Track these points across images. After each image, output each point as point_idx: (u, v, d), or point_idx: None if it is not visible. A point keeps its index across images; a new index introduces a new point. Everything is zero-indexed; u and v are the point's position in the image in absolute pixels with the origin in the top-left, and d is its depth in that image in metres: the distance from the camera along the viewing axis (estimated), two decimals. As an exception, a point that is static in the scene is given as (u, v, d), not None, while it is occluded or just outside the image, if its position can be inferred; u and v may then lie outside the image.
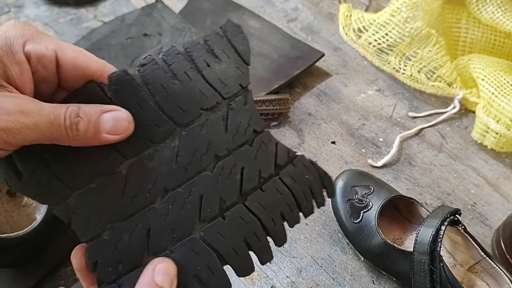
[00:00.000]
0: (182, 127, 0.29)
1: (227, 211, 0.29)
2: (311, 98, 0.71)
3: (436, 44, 0.72)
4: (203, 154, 0.29)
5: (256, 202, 0.30)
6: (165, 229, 0.28)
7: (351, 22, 0.82)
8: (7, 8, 0.80)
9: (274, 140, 0.31)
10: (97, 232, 0.27)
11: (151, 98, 0.29)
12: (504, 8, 0.71)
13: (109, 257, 0.27)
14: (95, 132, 0.25)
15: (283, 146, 0.32)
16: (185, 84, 0.30)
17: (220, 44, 0.31)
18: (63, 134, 0.24)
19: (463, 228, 0.48)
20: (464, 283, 0.47)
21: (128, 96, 0.28)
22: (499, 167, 0.65)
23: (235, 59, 0.31)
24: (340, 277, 0.50)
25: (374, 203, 0.50)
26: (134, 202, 0.28)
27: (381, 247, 0.48)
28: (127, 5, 0.84)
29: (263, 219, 0.29)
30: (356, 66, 0.78)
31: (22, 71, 0.25)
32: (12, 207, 0.48)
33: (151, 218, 0.28)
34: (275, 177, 0.31)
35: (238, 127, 0.30)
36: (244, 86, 0.31)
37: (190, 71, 0.30)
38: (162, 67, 0.29)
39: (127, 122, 0.27)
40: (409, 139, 0.67)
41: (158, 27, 0.74)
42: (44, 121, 0.23)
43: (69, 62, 0.26)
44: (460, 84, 0.73)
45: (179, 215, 0.28)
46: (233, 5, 0.84)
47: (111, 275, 0.27)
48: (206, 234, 0.28)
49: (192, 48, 0.30)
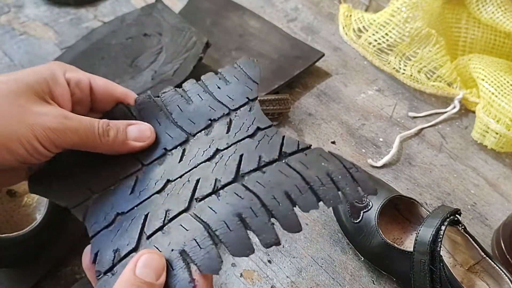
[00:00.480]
0: (192, 136, 0.33)
1: (222, 189, 0.28)
2: (311, 98, 0.71)
3: (436, 44, 0.72)
4: (205, 150, 0.31)
5: (255, 181, 0.28)
6: (161, 212, 0.28)
7: (351, 22, 0.82)
8: (7, 8, 0.80)
9: (281, 134, 0.31)
10: (104, 224, 0.29)
11: (168, 116, 0.34)
12: (504, 8, 0.71)
13: (108, 245, 0.28)
14: (123, 139, 0.31)
15: (292, 139, 0.31)
16: (197, 103, 0.34)
17: (232, 72, 0.35)
18: (97, 139, 0.30)
19: (463, 228, 0.48)
20: (464, 283, 0.47)
21: (150, 114, 0.34)
22: (499, 167, 0.65)
23: (244, 80, 0.35)
24: (340, 277, 0.50)
25: (374, 203, 0.50)
26: (141, 195, 0.30)
27: (381, 247, 0.48)
28: (127, 5, 0.84)
29: (261, 195, 0.27)
30: (356, 66, 0.78)
31: (63, 92, 0.30)
32: (12, 207, 0.48)
33: (150, 205, 0.29)
34: (279, 161, 0.29)
35: (240, 126, 0.32)
36: (251, 99, 0.34)
37: (202, 94, 0.35)
38: (180, 93, 0.35)
39: (149, 132, 0.32)
40: (409, 139, 0.67)
41: (158, 27, 0.74)
42: (83, 127, 0.29)
43: (100, 87, 0.33)
44: (460, 84, 0.73)
45: (175, 198, 0.29)
46: (233, 5, 0.84)
47: (108, 263, 0.27)
48: (198, 210, 0.28)
49: (207, 78, 0.36)
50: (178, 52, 0.69)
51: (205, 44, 0.67)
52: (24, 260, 0.46)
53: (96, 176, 0.31)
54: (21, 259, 0.46)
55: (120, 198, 0.30)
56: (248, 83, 0.35)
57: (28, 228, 0.43)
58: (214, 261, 0.25)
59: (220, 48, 0.75)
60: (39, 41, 0.75)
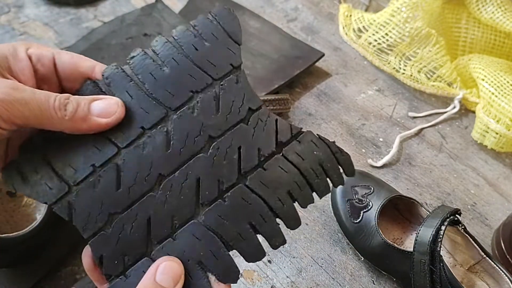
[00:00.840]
0: (173, 111, 0.29)
1: (226, 193, 0.28)
2: (311, 98, 0.71)
3: (436, 44, 0.72)
4: (196, 136, 0.29)
5: (258, 181, 0.28)
6: (166, 216, 0.28)
7: (351, 22, 0.82)
8: (7, 8, 0.80)
9: (274, 117, 0.30)
10: (98, 226, 0.27)
11: (141, 86, 0.29)
12: (504, 8, 0.71)
13: (113, 249, 0.27)
14: (84, 115, 0.27)
15: (284, 122, 0.30)
16: (173, 69, 0.30)
17: (209, 28, 0.31)
18: (52, 113, 0.26)
19: (463, 228, 0.48)
20: (464, 283, 0.47)
21: (119, 86, 0.29)
22: (499, 167, 0.65)
23: (224, 41, 0.31)
24: (340, 277, 0.50)
25: (374, 203, 0.50)
26: (131, 192, 0.28)
27: (381, 247, 0.48)
28: (127, 5, 0.84)
29: (267, 199, 0.28)
30: (356, 66, 0.78)
31: (24, 67, 0.28)
32: (12, 207, 0.48)
33: (150, 206, 0.28)
34: (277, 155, 0.29)
35: (230, 106, 0.29)
36: (235, 65, 0.31)
37: (177, 56, 0.30)
38: (151, 56, 0.30)
39: (116, 106, 0.28)
40: (409, 139, 0.67)
41: (158, 27, 0.74)
42: (36, 99, 0.26)
43: (65, 63, 0.29)
44: (460, 84, 0.73)
45: (178, 201, 0.28)
46: (233, 5, 0.84)
47: (118, 268, 0.27)
48: (207, 218, 0.27)
49: (180, 35, 0.31)
50: (178, 52, 0.69)
51: (205, 44, 0.67)
52: (24, 260, 0.46)
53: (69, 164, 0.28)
54: (21, 259, 0.46)
55: (107, 195, 0.28)
56: (229, 44, 0.31)
57: (28, 228, 0.43)
58: (232, 271, 0.26)
59: (220, 48, 0.75)
60: (39, 41, 0.75)
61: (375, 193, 0.52)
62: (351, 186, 0.53)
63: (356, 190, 0.52)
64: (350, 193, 0.52)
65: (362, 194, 0.52)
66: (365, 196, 0.51)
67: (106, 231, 0.27)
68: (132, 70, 0.30)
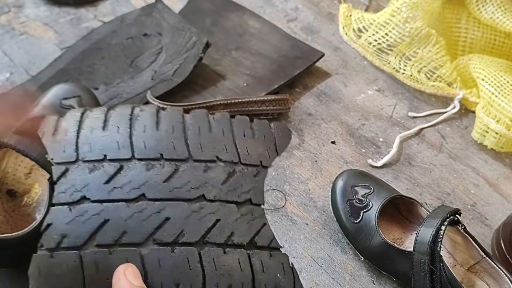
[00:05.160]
0: (193, 160, 0.32)
1: (180, 246, 0.28)
2: (311, 98, 0.71)
3: (436, 44, 0.72)
4: (193, 188, 0.31)
5: (212, 258, 0.28)
6: (118, 228, 0.28)
7: (351, 22, 0.82)
8: (7, 8, 0.80)
9: (264, 220, 0.31)
10: (67, 201, 0.30)
11: (186, 131, 0.33)
12: (504, 8, 0.71)
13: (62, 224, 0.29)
14: None
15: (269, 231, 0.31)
16: (216, 135, 0.34)
17: (264, 130, 0.35)
18: None
19: (463, 228, 0.48)
20: (464, 283, 0.47)
21: (172, 119, 0.34)
22: (499, 167, 0.65)
23: (269, 145, 0.35)
24: (340, 277, 0.50)
25: (374, 203, 0.50)
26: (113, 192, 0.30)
27: (381, 247, 0.48)
28: (127, 5, 0.84)
29: (208, 278, 0.27)
30: (356, 66, 0.78)
31: None
32: (12, 207, 0.48)
33: (116, 212, 0.29)
34: (243, 250, 0.29)
35: (236, 187, 0.32)
36: (263, 165, 0.34)
37: (226, 131, 0.34)
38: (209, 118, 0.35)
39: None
40: (409, 139, 0.67)
41: (158, 27, 0.74)
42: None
43: None
44: (460, 84, 0.73)
45: (139, 223, 0.29)
46: (233, 5, 0.84)
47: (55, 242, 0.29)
48: (148, 254, 0.28)
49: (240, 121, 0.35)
50: (178, 52, 0.69)
51: (205, 44, 0.67)
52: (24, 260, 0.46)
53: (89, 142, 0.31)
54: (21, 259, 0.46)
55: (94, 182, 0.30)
56: (271, 149, 0.35)
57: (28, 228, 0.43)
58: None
59: (220, 48, 0.75)
60: (39, 41, 0.75)
61: (375, 193, 0.52)
62: (351, 186, 0.53)
63: (356, 190, 0.52)
64: (350, 193, 0.52)
65: (362, 194, 0.52)
66: (365, 196, 0.51)
67: (70, 208, 0.29)
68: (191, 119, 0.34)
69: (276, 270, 0.29)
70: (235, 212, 0.30)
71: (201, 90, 0.68)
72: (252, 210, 0.31)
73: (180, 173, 0.31)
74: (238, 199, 0.31)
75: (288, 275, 0.29)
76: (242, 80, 0.70)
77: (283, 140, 0.35)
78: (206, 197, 0.30)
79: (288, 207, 0.56)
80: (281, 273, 0.29)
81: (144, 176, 0.30)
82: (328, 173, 0.60)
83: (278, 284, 0.29)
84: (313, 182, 0.59)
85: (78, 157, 0.31)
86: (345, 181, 0.53)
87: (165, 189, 0.30)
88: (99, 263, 0.27)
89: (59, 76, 0.68)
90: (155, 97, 0.61)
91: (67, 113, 0.34)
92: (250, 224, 0.30)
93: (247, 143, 0.34)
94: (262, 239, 0.30)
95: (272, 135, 0.35)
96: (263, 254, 0.29)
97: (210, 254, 0.28)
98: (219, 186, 0.31)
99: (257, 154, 0.34)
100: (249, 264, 0.29)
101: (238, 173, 0.32)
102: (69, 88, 0.57)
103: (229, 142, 0.34)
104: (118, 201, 0.29)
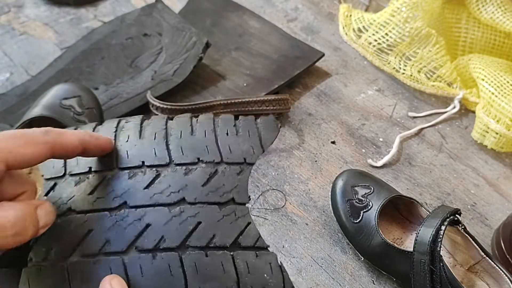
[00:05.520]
0: (174, 164, 0.31)
1: (160, 252, 0.28)
2: (311, 98, 0.71)
3: (436, 44, 0.72)
4: (173, 191, 0.30)
5: (193, 262, 0.27)
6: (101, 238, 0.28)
7: (351, 22, 0.82)
8: (7, 8, 0.80)
9: (248, 219, 0.30)
10: None
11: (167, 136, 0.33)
12: (504, 8, 0.71)
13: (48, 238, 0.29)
14: None
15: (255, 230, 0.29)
16: (198, 137, 0.33)
17: (248, 126, 0.34)
18: None
19: (463, 228, 0.48)
20: (464, 283, 0.47)
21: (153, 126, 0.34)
22: (499, 167, 0.65)
23: (254, 141, 0.33)
24: (340, 277, 0.50)
25: (374, 203, 0.50)
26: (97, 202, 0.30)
27: (381, 247, 0.48)
28: (127, 5, 0.84)
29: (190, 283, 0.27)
30: (356, 66, 0.78)
31: None
32: (12, 207, 0.48)
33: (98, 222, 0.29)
34: (227, 252, 0.28)
35: (218, 187, 0.31)
36: (248, 162, 0.32)
37: (208, 131, 0.33)
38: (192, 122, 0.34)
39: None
40: (409, 139, 0.67)
41: (158, 27, 0.74)
42: None
43: None
44: (460, 84, 0.73)
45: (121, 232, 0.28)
46: (233, 5, 0.84)
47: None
48: (129, 261, 0.27)
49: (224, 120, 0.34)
50: (178, 52, 0.69)
51: (205, 44, 0.67)
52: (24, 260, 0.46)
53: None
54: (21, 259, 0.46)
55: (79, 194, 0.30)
56: (255, 145, 0.33)
57: (28, 228, 0.43)
58: None
59: (220, 48, 0.75)
60: (39, 41, 0.75)
61: (375, 193, 0.52)
62: (351, 186, 0.53)
63: (356, 190, 0.52)
64: (350, 193, 0.52)
65: (362, 194, 0.52)
66: (365, 196, 0.51)
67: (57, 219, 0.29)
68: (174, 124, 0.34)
69: (263, 270, 0.28)
70: (217, 213, 0.29)
71: (201, 90, 0.68)
72: (235, 209, 0.30)
73: (161, 178, 0.31)
74: (220, 199, 0.30)
75: (276, 275, 0.28)
76: (242, 80, 0.70)
77: (269, 134, 0.34)
78: (187, 200, 0.30)
79: (288, 207, 0.56)
80: (269, 273, 0.28)
81: (126, 184, 0.30)
82: (328, 173, 0.60)
83: (265, 285, 0.28)
84: (313, 182, 0.59)
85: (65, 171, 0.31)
86: (345, 181, 0.53)
87: (146, 195, 0.30)
88: (84, 273, 0.27)
89: (59, 76, 0.68)
90: (155, 97, 0.61)
91: None
92: (233, 224, 0.29)
93: (229, 141, 0.33)
94: (247, 239, 0.29)
95: (257, 130, 0.34)
96: (248, 254, 0.28)
97: (192, 258, 0.28)
98: (200, 188, 0.30)
99: (241, 152, 0.32)
100: (233, 266, 0.28)
101: (220, 173, 0.31)
102: (69, 88, 0.57)
103: (211, 142, 0.33)
104: (101, 211, 0.29)
